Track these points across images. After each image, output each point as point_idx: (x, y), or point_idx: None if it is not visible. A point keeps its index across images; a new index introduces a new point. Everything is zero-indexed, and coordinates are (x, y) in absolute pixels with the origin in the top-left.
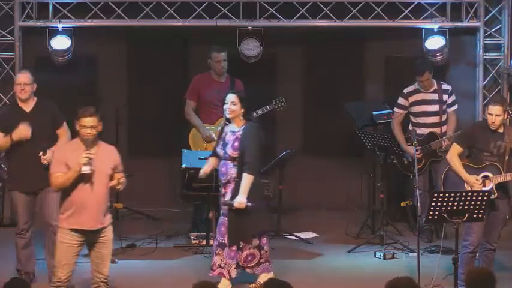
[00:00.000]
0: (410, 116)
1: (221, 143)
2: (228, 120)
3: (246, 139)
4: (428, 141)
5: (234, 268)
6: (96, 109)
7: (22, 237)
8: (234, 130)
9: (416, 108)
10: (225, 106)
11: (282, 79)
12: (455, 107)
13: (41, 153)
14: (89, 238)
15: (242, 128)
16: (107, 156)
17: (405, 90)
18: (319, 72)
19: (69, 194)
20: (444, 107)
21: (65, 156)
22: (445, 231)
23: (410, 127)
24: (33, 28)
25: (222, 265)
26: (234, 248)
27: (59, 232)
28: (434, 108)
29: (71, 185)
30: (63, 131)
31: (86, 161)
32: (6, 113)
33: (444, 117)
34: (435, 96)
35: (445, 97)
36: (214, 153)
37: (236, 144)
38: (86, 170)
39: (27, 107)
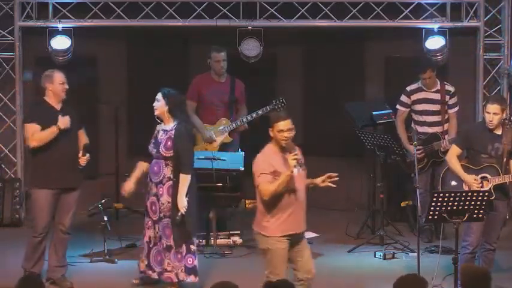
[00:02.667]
0: (412, 114)
1: (153, 141)
2: (160, 119)
3: (181, 139)
4: (430, 141)
5: (181, 271)
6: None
7: (40, 240)
8: (166, 129)
9: (418, 107)
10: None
11: (281, 79)
12: (456, 108)
13: (80, 153)
14: (294, 240)
15: (174, 127)
16: (301, 157)
17: (408, 88)
18: (319, 72)
19: (281, 201)
20: (446, 107)
21: (270, 164)
22: (445, 231)
23: (412, 125)
24: (33, 28)
25: (169, 269)
26: (181, 249)
27: (269, 241)
28: (436, 107)
29: (283, 190)
30: (83, 133)
31: (295, 163)
32: (39, 110)
33: (446, 117)
34: (437, 96)
35: (447, 98)
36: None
37: (169, 143)
38: (296, 172)
39: (58, 106)
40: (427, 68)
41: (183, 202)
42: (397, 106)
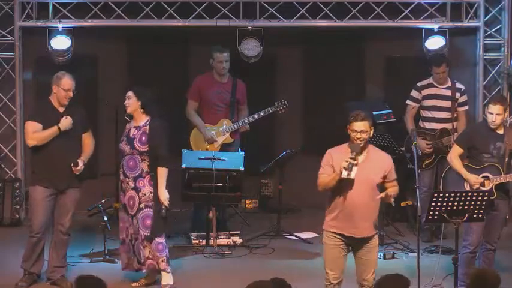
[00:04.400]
0: (421, 111)
1: (124, 139)
2: (129, 117)
3: (156, 133)
4: (441, 136)
5: (162, 261)
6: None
7: (37, 240)
8: (139, 125)
9: (428, 102)
10: (125, 102)
11: (282, 79)
12: (466, 107)
13: (72, 165)
14: (353, 244)
15: (147, 122)
16: (376, 164)
17: (419, 84)
18: (319, 72)
19: (334, 198)
20: (456, 104)
21: (332, 158)
22: (445, 231)
23: (420, 122)
24: (33, 28)
25: (151, 256)
26: (162, 240)
27: (323, 234)
28: (447, 104)
29: (336, 188)
30: (89, 136)
31: (346, 165)
32: (41, 109)
33: (456, 114)
34: (448, 93)
35: (457, 95)
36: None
37: (144, 138)
38: (345, 174)
39: (60, 109)
40: (443, 62)
41: (164, 195)
42: (408, 101)
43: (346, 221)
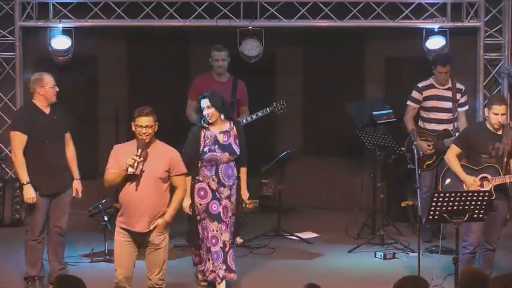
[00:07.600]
0: (421, 111)
1: (216, 147)
2: (203, 126)
3: (242, 134)
4: (442, 138)
5: (220, 268)
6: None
7: (39, 242)
8: (226, 130)
9: (429, 103)
10: (205, 112)
11: (282, 79)
12: (466, 107)
13: (74, 196)
14: (138, 240)
15: (232, 125)
16: (160, 158)
17: (420, 84)
18: (319, 72)
19: (121, 194)
20: (456, 105)
21: (118, 155)
22: (445, 232)
23: (419, 122)
24: (34, 28)
25: (233, 268)
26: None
27: (115, 230)
28: (448, 105)
29: (122, 184)
30: (70, 139)
31: (131, 162)
32: (27, 115)
33: (456, 115)
34: (449, 94)
35: (458, 96)
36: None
37: (237, 141)
38: (131, 171)
39: (47, 110)
40: (448, 62)
41: (247, 193)
42: (408, 102)
43: (131, 216)
